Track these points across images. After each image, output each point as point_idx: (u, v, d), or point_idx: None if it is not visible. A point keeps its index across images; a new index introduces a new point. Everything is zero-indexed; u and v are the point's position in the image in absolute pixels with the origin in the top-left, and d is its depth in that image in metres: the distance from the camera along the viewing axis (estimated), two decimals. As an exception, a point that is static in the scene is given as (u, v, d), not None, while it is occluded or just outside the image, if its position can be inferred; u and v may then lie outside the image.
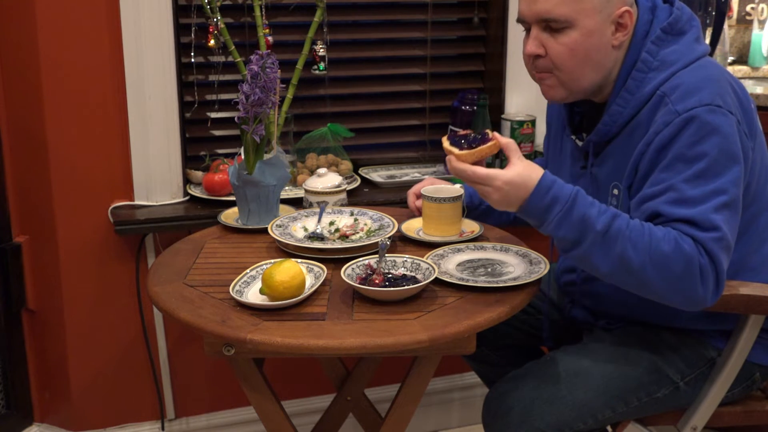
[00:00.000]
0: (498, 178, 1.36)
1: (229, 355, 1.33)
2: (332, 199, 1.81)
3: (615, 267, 1.35)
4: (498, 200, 1.39)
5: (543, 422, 1.45)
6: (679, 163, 1.36)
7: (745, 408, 1.59)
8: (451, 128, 1.52)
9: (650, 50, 1.45)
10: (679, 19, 1.46)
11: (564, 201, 1.35)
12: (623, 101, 1.46)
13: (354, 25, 2.28)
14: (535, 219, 1.39)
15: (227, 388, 2.24)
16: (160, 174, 2.03)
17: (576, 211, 1.35)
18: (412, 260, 1.50)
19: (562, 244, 1.40)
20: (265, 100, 1.66)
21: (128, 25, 1.94)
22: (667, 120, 1.38)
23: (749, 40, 3.08)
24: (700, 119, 1.35)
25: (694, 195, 1.34)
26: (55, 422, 2.20)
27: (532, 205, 1.37)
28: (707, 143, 1.35)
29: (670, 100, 1.39)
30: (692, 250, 1.32)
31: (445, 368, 2.41)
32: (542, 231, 1.41)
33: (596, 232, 1.34)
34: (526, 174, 1.36)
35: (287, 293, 1.36)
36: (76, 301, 2.08)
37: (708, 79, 1.40)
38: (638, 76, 1.45)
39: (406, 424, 1.47)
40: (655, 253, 1.32)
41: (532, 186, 1.36)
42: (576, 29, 1.41)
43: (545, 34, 1.44)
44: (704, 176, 1.35)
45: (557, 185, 1.36)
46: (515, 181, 1.36)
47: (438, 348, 1.34)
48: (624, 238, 1.33)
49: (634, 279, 1.36)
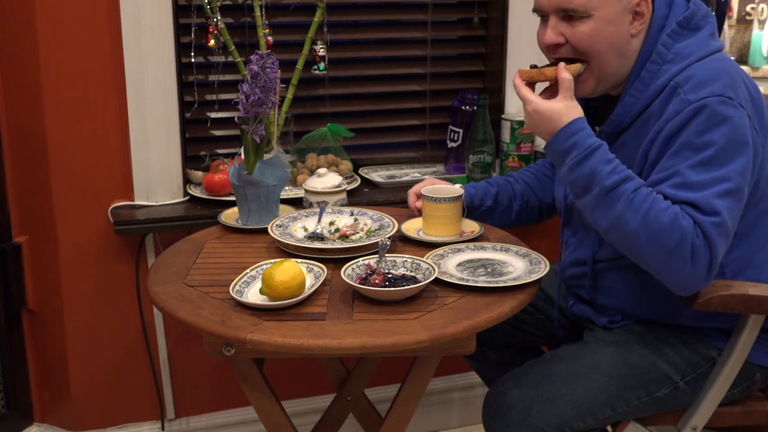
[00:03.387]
0: (530, 103, 1.45)
1: (229, 355, 1.33)
2: (332, 199, 1.81)
3: (611, 225, 1.38)
4: (528, 123, 1.48)
5: (543, 421, 1.46)
6: (686, 150, 1.38)
7: (745, 408, 1.59)
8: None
9: (665, 43, 1.47)
10: (695, 14, 1.49)
11: (581, 149, 1.40)
12: (637, 92, 1.48)
13: (354, 25, 2.27)
14: (556, 158, 1.45)
15: (227, 388, 2.24)
16: (160, 174, 2.03)
17: (589, 162, 1.39)
18: (412, 260, 1.50)
19: (572, 188, 1.44)
20: (265, 100, 1.66)
21: (128, 25, 1.93)
22: (679, 108, 1.40)
23: (749, 40, 3.08)
24: (710, 108, 1.37)
25: (698, 180, 1.36)
26: (55, 422, 2.20)
27: (554, 144, 1.43)
28: (716, 132, 1.37)
29: (683, 90, 1.41)
30: (689, 228, 1.33)
31: (445, 368, 2.41)
32: (560, 172, 1.46)
33: (601, 187, 1.37)
34: (559, 112, 1.42)
35: (287, 293, 1.36)
36: (76, 301, 2.08)
37: (721, 72, 1.42)
38: (653, 68, 1.47)
39: (406, 424, 1.47)
40: (652, 222, 1.34)
41: (558, 126, 1.42)
42: (594, 18, 1.45)
43: (563, 23, 1.48)
44: (710, 163, 1.36)
45: (582, 133, 1.41)
46: (544, 114, 1.43)
47: (438, 348, 1.34)
48: (626, 199, 1.36)
49: (627, 242, 1.39)
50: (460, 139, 2.24)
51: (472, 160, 2.16)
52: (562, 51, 1.50)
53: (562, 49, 1.50)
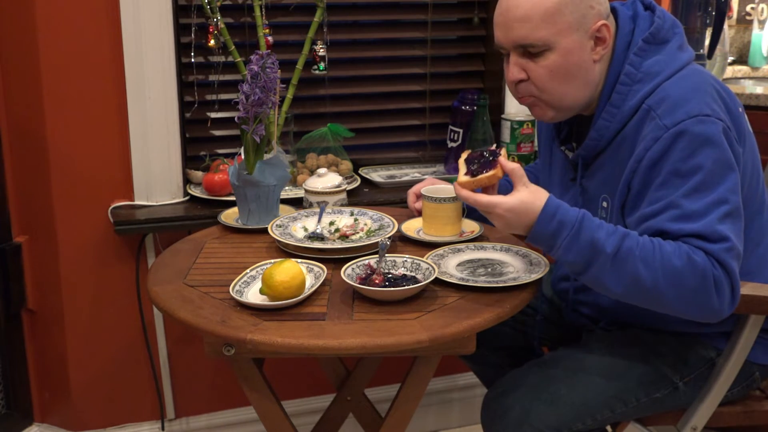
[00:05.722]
0: (499, 205, 1.35)
1: (229, 355, 1.33)
2: (332, 199, 1.81)
3: (628, 287, 1.34)
4: (502, 227, 1.39)
5: (542, 422, 1.45)
6: (675, 179, 1.35)
7: (745, 408, 1.59)
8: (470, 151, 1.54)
9: (633, 62, 1.43)
10: (661, 28, 1.45)
11: (570, 226, 1.33)
12: (609, 116, 1.45)
13: (354, 25, 2.28)
14: (543, 245, 1.38)
15: (227, 388, 2.24)
16: (160, 174, 2.03)
17: (584, 235, 1.33)
18: (412, 260, 1.50)
19: (572, 267, 1.38)
20: (265, 100, 1.66)
21: (128, 25, 1.94)
22: (657, 135, 1.36)
23: (749, 40, 3.08)
24: (690, 132, 1.34)
25: (696, 209, 1.33)
26: (55, 422, 2.20)
27: (539, 232, 1.35)
28: (701, 155, 1.34)
29: (657, 114, 1.38)
30: (705, 262, 1.30)
31: (445, 368, 2.41)
32: (552, 256, 1.40)
33: (606, 255, 1.32)
34: (530, 201, 1.35)
35: (287, 293, 1.36)
36: (76, 301, 2.08)
37: (693, 90, 1.38)
38: (622, 90, 1.43)
39: (406, 424, 1.47)
40: (668, 269, 1.30)
41: (536, 212, 1.35)
42: (555, 51, 1.41)
43: (524, 59, 1.44)
44: (702, 189, 1.33)
45: (562, 210, 1.35)
46: (517, 209, 1.35)
47: (438, 348, 1.34)
48: (634, 257, 1.31)
49: (648, 297, 1.34)
50: (460, 139, 2.24)
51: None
52: (523, 88, 1.47)
53: (523, 86, 1.46)
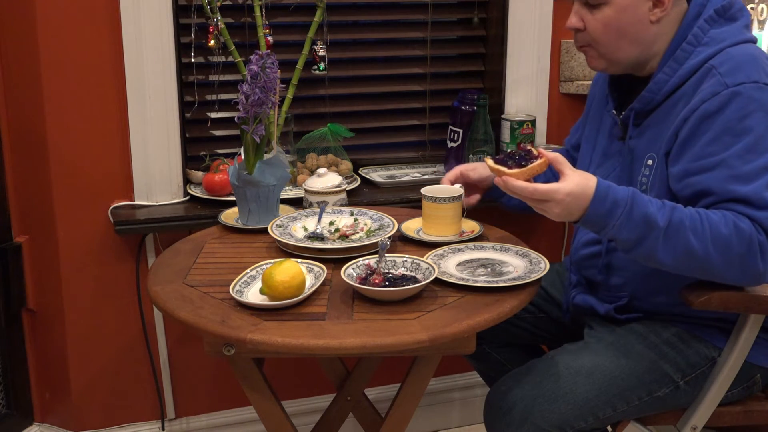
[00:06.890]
0: (560, 191, 1.37)
1: (229, 355, 1.33)
2: (332, 199, 1.81)
3: (679, 258, 1.38)
4: (560, 213, 1.39)
5: (544, 420, 1.46)
6: (726, 136, 1.39)
7: (745, 408, 1.59)
8: (487, 154, 1.55)
9: (702, 27, 1.50)
10: (733, 5, 1.52)
11: (624, 203, 1.37)
12: (670, 70, 1.50)
13: (354, 25, 2.28)
14: (597, 225, 1.40)
15: (227, 388, 2.24)
16: (160, 174, 2.03)
17: (636, 211, 1.37)
18: (412, 260, 1.50)
19: (624, 244, 1.41)
20: (265, 100, 1.66)
21: (128, 25, 1.93)
22: (716, 90, 1.41)
23: (749, 40, 3.07)
24: (748, 95, 1.39)
25: (747, 170, 1.38)
26: (55, 422, 2.20)
27: (594, 212, 1.38)
28: (753, 118, 1.39)
29: (719, 72, 1.43)
30: (750, 229, 1.36)
31: (445, 368, 2.41)
32: (602, 235, 1.42)
33: (659, 229, 1.37)
34: (583, 183, 1.38)
35: (287, 293, 1.36)
36: (76, 301, 2.08)
37: (757, 57, 1.45)
38: (688, 48, 1.50)
39: (406, 424, 1.47)
40: (717, 238, 1.35)
41: (590, 194, 1.37)
42: (611, 6, 1.50)
43: (584, 9, 1.54)
44: (753, 151, 1.38)
45: (613, 189, 1.38)
46: (575, 192, 1.37)
47: (438, 348, 1.34)
48: (685, 228, 1.36)
49: (698, 265, 1.39)
50: (460, 139, 2.24)
51: (472, 160, 2.16)
52: (580, 37, 1.57)
53: (580, 35, 1.57)
